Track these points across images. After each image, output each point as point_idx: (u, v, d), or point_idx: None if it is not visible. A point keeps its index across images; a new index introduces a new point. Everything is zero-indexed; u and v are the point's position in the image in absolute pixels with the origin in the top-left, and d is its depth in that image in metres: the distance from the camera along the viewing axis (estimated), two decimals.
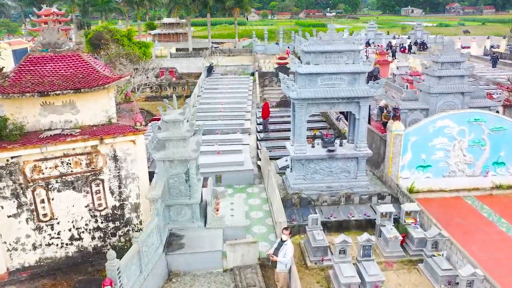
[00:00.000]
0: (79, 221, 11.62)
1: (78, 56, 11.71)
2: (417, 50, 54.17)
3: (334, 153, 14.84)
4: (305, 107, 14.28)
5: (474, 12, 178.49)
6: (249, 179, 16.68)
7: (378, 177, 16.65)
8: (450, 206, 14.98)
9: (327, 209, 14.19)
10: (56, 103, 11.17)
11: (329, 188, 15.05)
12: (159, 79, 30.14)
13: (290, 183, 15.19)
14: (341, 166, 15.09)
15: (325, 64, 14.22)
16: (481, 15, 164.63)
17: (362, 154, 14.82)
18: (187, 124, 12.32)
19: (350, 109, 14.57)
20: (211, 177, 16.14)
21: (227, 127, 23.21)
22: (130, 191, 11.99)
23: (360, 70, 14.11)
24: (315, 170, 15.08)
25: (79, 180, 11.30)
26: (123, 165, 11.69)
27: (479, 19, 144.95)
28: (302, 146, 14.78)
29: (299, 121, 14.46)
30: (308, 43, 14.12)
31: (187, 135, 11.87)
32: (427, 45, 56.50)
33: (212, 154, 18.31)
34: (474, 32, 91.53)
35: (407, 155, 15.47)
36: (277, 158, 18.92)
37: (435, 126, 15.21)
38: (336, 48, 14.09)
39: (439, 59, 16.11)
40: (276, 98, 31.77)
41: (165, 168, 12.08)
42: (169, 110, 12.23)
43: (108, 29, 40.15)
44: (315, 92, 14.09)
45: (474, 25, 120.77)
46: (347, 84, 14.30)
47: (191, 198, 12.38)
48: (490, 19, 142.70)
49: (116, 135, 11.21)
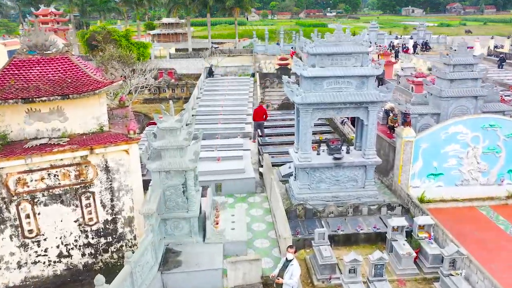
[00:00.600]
0: (68, 237, 10.78)
1: (67, 59, 10.88)
2: (420, 51, 53.38)
3: (340, 161, 13.99)
4: (310, 112, 13.44)
5: (475, 12, 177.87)
6: (251, 187, 15.83)
7: (386, 186, 15.80)
8: (464, 216, 14.15)
9: (333, 221, 13.35)
10: (42, 110, 10.33)
11: (335, 198, 14.21)
12: (158, 80, 29.26)
13: (294, 192, 14.35)
14: (348, 175, 14.25)
15: (332, 66, 13.38)
16: (482, 15, 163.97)
17: (371, 162, 13.98)
18: (184, 132, 11.47)
19: (358, 114, 13.72)
20: (211, 186, 15.38)
21: (227, 131, 22.37)
22: (123, 204, 11.16)
23: (369, 73, 13.27)
24: (321, 179, 14.24)
25: (68, 193, 10.46)
26: (116, 176, 10.86)
27: (481, 19, 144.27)
28: (307, 154, 13.93)
29: (303, 127, 13.62)
30: (313, 44, 13.27)
31: (184, 144, 11.03)
32: (429, 45, 55.74)
33: (212, 160, 17.46)
34: (475, 32, 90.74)
35: (418, 163, 14.64)
36: (279, 164, 18.08)
37: (448, 132, 14.38)
38: (344, 49, 13.25)
39: (451, 61, 15.26)
40: (278, 100, 30.95)
41: (160, 179, 11.23)
42: (165, 117, 11.38)
43: (106, 29, 39.29)
44: (321, 97, 13.25)
45: (475, 25, 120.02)
46: (355, 88, 13.46)
47: (189, 211, 11.54)
48: (491, 19, 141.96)
49: (107, 145, 10.38)
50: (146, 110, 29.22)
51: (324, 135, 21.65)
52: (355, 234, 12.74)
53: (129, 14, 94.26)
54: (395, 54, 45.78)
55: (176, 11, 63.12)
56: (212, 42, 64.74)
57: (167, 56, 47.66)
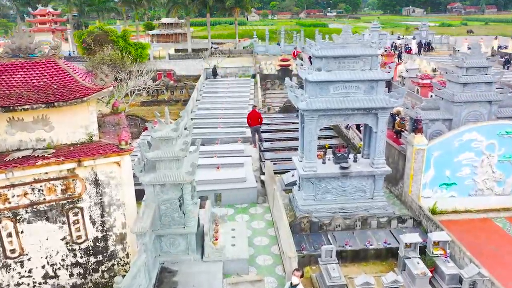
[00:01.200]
0: (54, 256, 9.93)
1: (54, 63, 10.03)
2: (423, 51, 52.57)
3: (348, 170, 13.15)
4: (315, 119, 12.59)
5: (475, 12, 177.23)
6: (252, 197, 14.98)
7: (396, 196, 14.96)
8: (479, 229, 13.30)
9: (341, 234, 12.50)
10: (26, 119, 9.48)
11: (342, 210, 13.36)
12: (155, 83, 28.43)
13: (298, 203, 13.50)
14: (355, 185, 13.40)
15: (339, 70, 12.54)
16: (482, 15, 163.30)
17: (380, 171, 13.13)
18: (181, 141, 10.62)
19: (367, 121, 12.88)
20: (210, 196, 14.56)
21: (227, 136, 21.52)
22: (114, 220, 10.30)
23: (378, 77, 12.43)
24: (327, 190, 13.39)
25: (54, 209, 9.61)
26: (106, 190, 10.00)
27: (482, 18, 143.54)
28: (312, 163, 13.08)
29: (309, 135, 12.77)
30: (319, 46, 12.43)
31: (180, 155, 10.18)
32: (432, 45, 54.91)
33: (211, 168, 16.61)
34: (477, 32, 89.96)
35: (430, 172, 13.79)
36: (282, 171, 17.24)
37: (462, 139, 13.54)
38: (351, 52, 12.41)
39: (463, 63, 14.41)
40: (279, 103, 30.11)
41: (155, 193, 10.39)
42: (160, 125, 10.53)
43: (103, 29, 38.46)
44: (327, 102, 12.40)
45: (477, 24, 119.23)
46: (364, 93, 12.62)
47: (185, 227, 10.70)
48: (492, 18, 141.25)
49: (96, 157, 9.52)
50: (144, 113, 28.33)
51: (328, 140, 20.84)
52: (364, 250, 11.88)
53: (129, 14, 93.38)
54: (398, 55, 44.89)
55: (175, 11, 62.21)
56: (212, 43, 63.86)
57: (166, 57, 46.77)
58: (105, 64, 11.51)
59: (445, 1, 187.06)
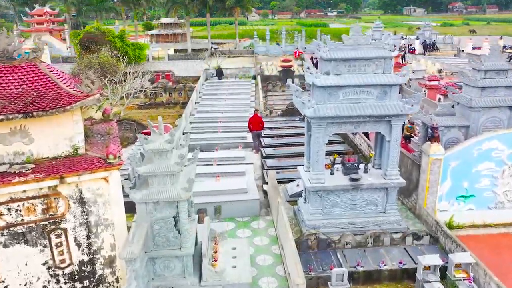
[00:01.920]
0: (34, 283, 8.91)
1: (35, 67, 9.01)
2: (427, 51, 51.58)
3: (358, 182, 12.13)
4: (324, 127, 11.56)
5: (477, 12, 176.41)
6: (255, 210, 13.94)
7: (408, 208, 13.94)
8: (500, 246, 12.29)
9: (351, 253, 11.49)
10: (2, 131, 8.46)
11: (352, 225, 12.35)
12: (152, 86, 27.43)
13: (305, 218, 12.48)
14: (366, 198, 12.39)
15: (349, 74, 11.53)
16: (484, 15, 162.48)
17: (393, 184, 12.11)
18: (176, 154, 9.60)
19: (379, 129, 11.85)
20: (209, 209, 13.56)
21: (227, 141, 20.50)
22: (102, 241, 9.28)
23: (392, 81, 11.41)
24: (335, 203, 12.38)
25: (33, 231, 8.60)
26: (93, 209, 8.99)
27: (484, 18, 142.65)
28: (319, 175, 12.05)
29: (316, 144, 11.74)
30: (327, 48, 11.41)
31: (176, 170, 9.15)
32: (437, 45, 53.91)
33: (210, 177, 15.59)
34: (480, 32, 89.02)
35: (446, 183, 12.78)
36: (286, 180, 16.20)
37: (481, 148, 12.52)
38: (363, 54, 11.39)
39: (482, 66, 13.40)
40: (281, 105, 29.06)
41: (148, 211, 9.35)
42: (153, 135, 9.49)
43: (100, 29, 37.45)
44: (337, 109, 11.38)
45: (478, 24, 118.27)
46: (376, 99, 11.60)
47: (182, 248, 9.65)
48: (494, 18, 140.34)
49: (81, 172, 8.51)
50: (141, 117, 27.27)
51: (333, 146, 19.79)
52: (377, 271, 10.87)
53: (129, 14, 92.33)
54: (403, 56, 43.85)
55: (175, 11, 61.19)
56: (212, 43, 62.83)
57: (166, 57, 45.73)
58: (93, 67, 10.54)
59: (446, 0, 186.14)
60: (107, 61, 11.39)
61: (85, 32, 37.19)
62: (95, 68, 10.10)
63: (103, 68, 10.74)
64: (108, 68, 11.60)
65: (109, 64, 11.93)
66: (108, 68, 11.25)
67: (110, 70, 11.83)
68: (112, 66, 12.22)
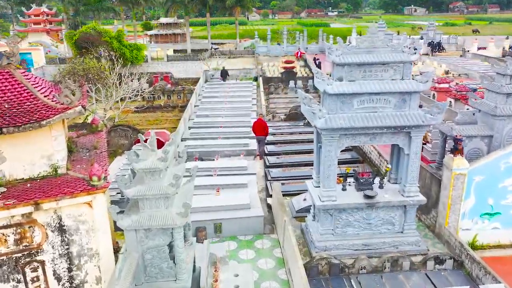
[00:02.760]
0: None
1: (8, 74, 7.87)
2: (432, 52, 50.42)
3: (374, 200, 10.96)
4: (336, 139, 10.40)
5: (478, 11, 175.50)
6: (258, 227, 12.77)
7: (427, 226, 12.77)
8: None
9: (367, 279, 10.33)
10: None
11: (366, 247, 11.19)
12: (148, 90, 26.28)
13: (314, 238, 11.32)
14: (382, 217, 11.22)
15: (364, 80, 10.37)
16: (485, 14, 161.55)
17: (413, 201, 10.95)
18: (171, 173, 8.44)
19: (397, 141, 10.68)
20: (209, 227, 12.41)
21: (228, 149, 19.32)
22: (86, 274, 8.13)
23: (412, 88, 10.24)
24: (348, 223, 11.21)
25: (5, 264, 7.43)
26: (75, 238, 7.84)
27: (486, 18, 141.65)
28: (331, 191, 10.89)
29: (327, 158, 10.57)
30: (340, 51, 10.23)
31: (170, 192, 7.98)
32: (443, 46, 52.76)
33: (210, 189, 14.45)
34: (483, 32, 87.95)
35: (469, 200, 11.62)
36: (292, 193, 15.03)
37: (509, 162, 11.37)
38: (380, 58, 10.23)
39: (507, 70, 12.21)
40: (284, 108, 27.91)
41: (138, 239, 8.19)
42: (145, 152, 8.33)
43: (96, 30, 36.26)
44: (351, 120, 10.22)
45: (481, 24, 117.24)
46: (394, 108, 10.44)
47: (177, 280, 8.48)
48: (496, 18, 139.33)
49: (60, 197, 7.35)
50: (137, 121, 26.14)
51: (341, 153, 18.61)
52: None
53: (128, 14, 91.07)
54: None
55: (174, 11, 60.05)
56: (212, 43, 61.64)
57: (165, 58, 44.52)
58: (77, 75, 9.42)
59: (447, 0, 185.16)
60: (93, 67, 10.25)
61: (81, 33, 36.01)
62: (80, 75, 9.05)
63: (88, 75, 9.65)
64: (94, 74, 10.43)
65: (95, 70, 10.75)
66: (94, 75, 10.09)
67: (96, 77, 10.62)
68: (98, 72, 10.94)
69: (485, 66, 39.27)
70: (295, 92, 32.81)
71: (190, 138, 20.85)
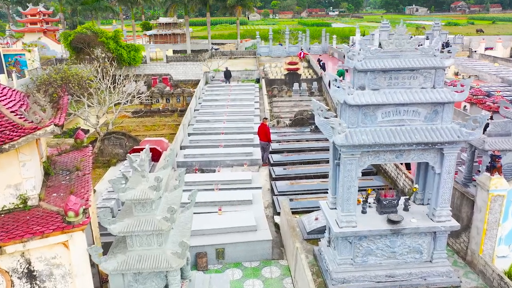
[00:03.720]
0: None
1: None
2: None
3: (399, 226, 9.56)
4: (357, 157, 9.00)
5: (480, 11, 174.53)
6: (266, 253, 11.36)
7: (456, 251, 11.37)
8: None
9: None
10: None
11: (390, 278, 9.78)
12: (145, 94, 24.87)
13: (331, 268, 9.91)
14: (409, 245, 9.82)
15: (390, 89, 8.98)
16: (487, 13, 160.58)
17: (444, 227, 9.55)
18: (165, 202, 7.06)
19: (427, 159, 9.27)
20: (210, 252, 11.02)
21: (231, 158, 17.94)
22: None
23: (445, 98, 8.85)
24: (369, 251, 9.81)
25: None
26: (47, 285, 6.44)
27: (489, 17, 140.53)
28: (350, 216, 9.48)
29: (347, 179, 9.17)
30: (363, 56, 8.83)
31: (164, 228, 6.59)
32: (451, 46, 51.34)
33: (211, 207, 13.10)
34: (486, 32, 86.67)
35: (507, 223, 10.24)
36: (300, 210, 13.64)
37: None
38: (408, 63, 8.83)
39: None
40: (289, 113, 26.51)
41: (126, 284, 6.80)
42: (134, 177, 6.95)
43: (92, 30, 34.88)
44: (374, 135, 8.82)
45: (483, 24, 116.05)
46: (424, 121, 9.05)
47: None
48: (499, 17, 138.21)
49: (27, 239, 5.95)
50: (134, 127, 24.73)
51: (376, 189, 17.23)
52: None
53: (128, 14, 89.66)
54: None
55: (173, 10, 58.67)
56: (212, 43, 60.28)
57: (164, 58, 43.11)
58: (52, 85, 8.17)
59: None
60: (72, 75, 8.94)
61: (76, 33, 34.61)
62: (57, 85, 7.83)
63: (68, 84, 8.42)
64: (74, 84, 9.11)
65: (76, 79, 9.39)
66: (74, 85, 8.80)
67: (76, 88, 9.26)
68: (81, 82, 9.54)
69: (495, 67, 37.90)
70: (300, 95, 31.47)
71: (189, 146, 19.46)
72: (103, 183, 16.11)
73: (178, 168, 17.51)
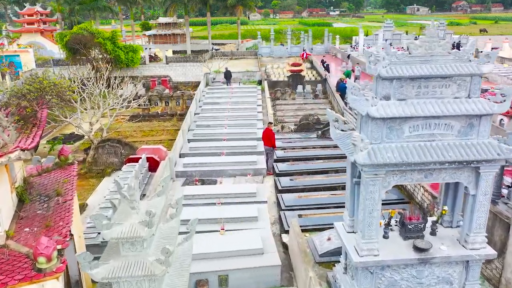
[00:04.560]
0: None
1: None
2: None
3: (427, 254, 8.39)
4: (381, 177, 7.83)
5: (481, 10, 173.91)
6: (274, 280, 10.20)
7: (487, 279, 10.23)
8: None
9: None
10: None
11: None
12: (142, 99, 23.76)
13: None
14: (438, 275, 8.64)
15: (418, 99, 7.80)
16: (489, 13, 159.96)
17: (479, 255, 8.39)
18: (159, 237, 5.90)
19: (460, 178, 8.10)
20: (212, 279, 9.87)
21: (233, 167, 16.78)
22: None
23: (483, 110, 7.68)
24: (393, 282, 8.64)
25: None
26: None
27: (491, 17, 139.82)
28: (372, 243, 8.31)
29: (369, 202, 8.00)
30: (387, 61, 7.66)
31: (158, 273, 5.44)
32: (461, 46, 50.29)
33: (213, 224, 11.94)
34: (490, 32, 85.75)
35: None
36: (310, 229, 12.45)
37: None
38: (440, 70, 7.66)
39: None
40: (293, 117, 25.35)
41: None
42: (122, 207, 5.79)
43: (89, 30, 33.73)
44: (401, 152, 7.65)
45: (486, 23, 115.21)
46: (458, 135, 7.88)
47: None
48: (502, 17, 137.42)
49: None
50: (131, 131, 23.59)
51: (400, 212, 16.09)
52: None
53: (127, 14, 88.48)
54: None
55: (173, 10, 57.62)
56: (212, 44, 59.17)
57: (164, 59, 42.00)
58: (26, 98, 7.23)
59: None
60: (50, 86, 7.99)
61: (72, 34, 33.47)
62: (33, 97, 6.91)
63: (44, 96, 7.45)
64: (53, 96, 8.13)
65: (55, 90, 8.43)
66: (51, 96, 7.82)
67: (54, 100, 8.24)
68: (60, 92, 8.54)
69: (505, 69, 36.79)
70: (304, 97, 30.36)
71: (189, 154, 18.31)
72: (96, 195, 14.98)
73: (177, 178, 16.40)
